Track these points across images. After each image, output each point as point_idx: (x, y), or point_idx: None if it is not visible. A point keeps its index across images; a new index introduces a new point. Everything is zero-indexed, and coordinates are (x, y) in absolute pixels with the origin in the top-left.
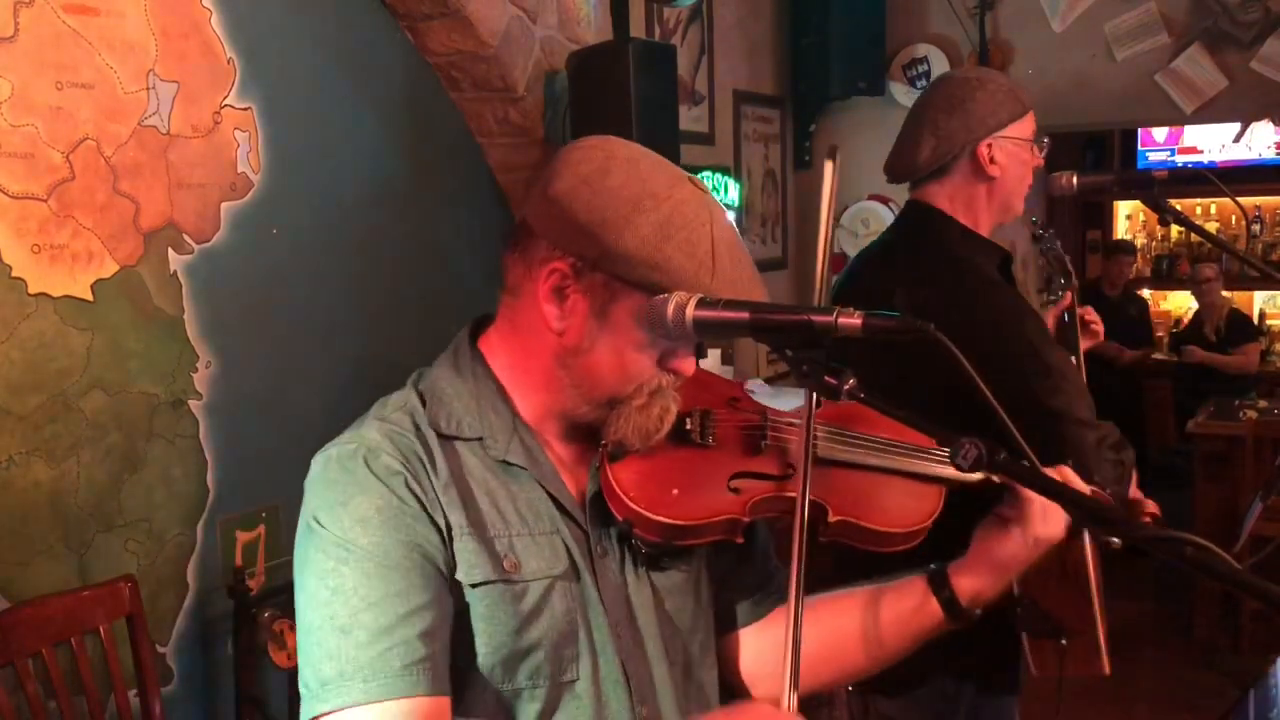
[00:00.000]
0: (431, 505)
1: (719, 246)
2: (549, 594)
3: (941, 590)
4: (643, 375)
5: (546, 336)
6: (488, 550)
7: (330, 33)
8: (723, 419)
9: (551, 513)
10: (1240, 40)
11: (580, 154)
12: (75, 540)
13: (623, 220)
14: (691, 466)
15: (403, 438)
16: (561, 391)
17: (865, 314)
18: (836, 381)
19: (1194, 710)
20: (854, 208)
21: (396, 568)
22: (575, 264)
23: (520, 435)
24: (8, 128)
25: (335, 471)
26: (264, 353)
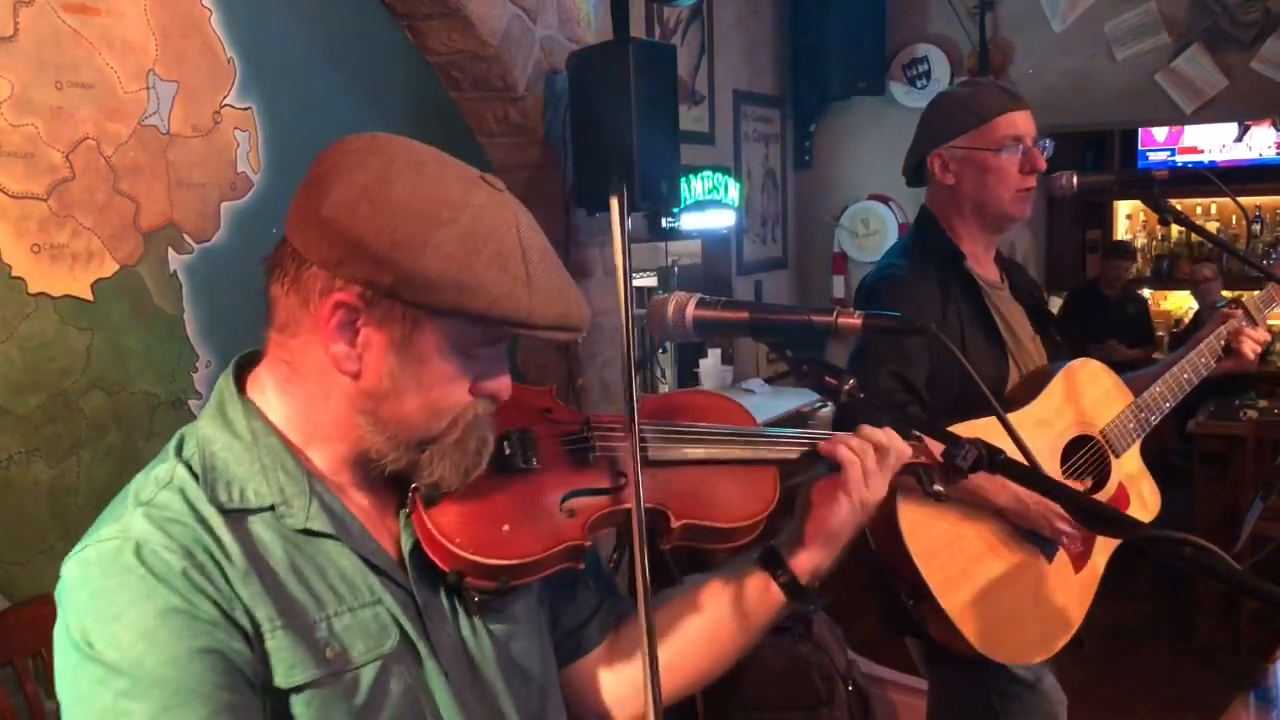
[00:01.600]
0: (229, 603)
1: (530, 254)
2: (384, 677)
3: (779, 574)
4: (456, 408)
5: (336, 380)
6: (305, 642)
7: (330, 33)
8: (543, 436)
9: (368, 580)
10: (1240, 40)
11: (352, 160)
12: (75, 540)
13: (419, 237)
14: (518, 496)
15: (177, 524)
16: (361, 440)
17: (865, 314)
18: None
19: (1194, 710)
20: (854, 207)
21: (194, 692)
22: (364, 294)
23: (318, 495)
24: (8, 128)
25: (100, 578)
26: None
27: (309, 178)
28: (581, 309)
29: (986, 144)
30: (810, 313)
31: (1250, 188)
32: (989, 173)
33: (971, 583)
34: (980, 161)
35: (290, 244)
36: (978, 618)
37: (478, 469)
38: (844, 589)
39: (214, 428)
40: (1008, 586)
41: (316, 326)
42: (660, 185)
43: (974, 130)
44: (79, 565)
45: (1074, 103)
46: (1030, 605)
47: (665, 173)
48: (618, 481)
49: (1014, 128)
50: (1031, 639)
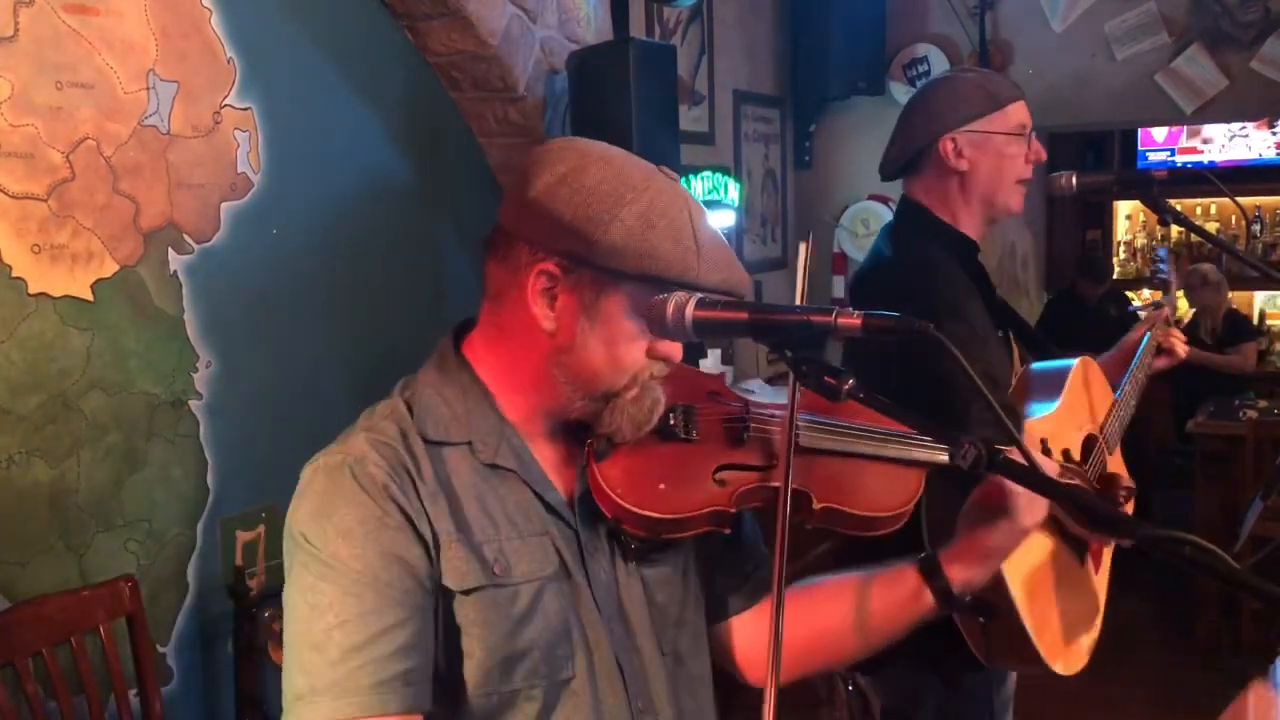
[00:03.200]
0: (417, 516)
1: (699, 231)
2: (540, 595)
3: (935, 579)
4: (635, 365)
5: (537, 338)
6: (477, 556)
7: (330, 33)
8: (705, 413)
9: (540, 514)
10: (1240, 40)
11: (553, 155)
12: (75, 540)
13: (607, 214)
14: (676, 461)
15: (389, 447)
16: (554, 390)
17: (864, 314)
18: (836, 382)
19: (1194, 710)
20: (854, 208)
21: (374, 583)
22: (562, 263)
23: (508, 438)
24: (8, 128)
25: (321, 483)
26: (264, 353)
27: (520, 170)
28: (743, 276)
29: (1004, 129)
30: (809, 313)
31: (1249, 188)
32: (1004, 159)
33: (1042, 591)
34: (998, 147)
35: (502, 226)
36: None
37: (649, 425)
38: None
39: (431, 375)
40: (1064, 592)
41: (523, 293)
42: None
43: (992, 114)
44: (309, 472)
45: (1074, 103)
46: (1076, 609)
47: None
48: (768, 461)
49: (1023, 116)
50: (1080, 645)
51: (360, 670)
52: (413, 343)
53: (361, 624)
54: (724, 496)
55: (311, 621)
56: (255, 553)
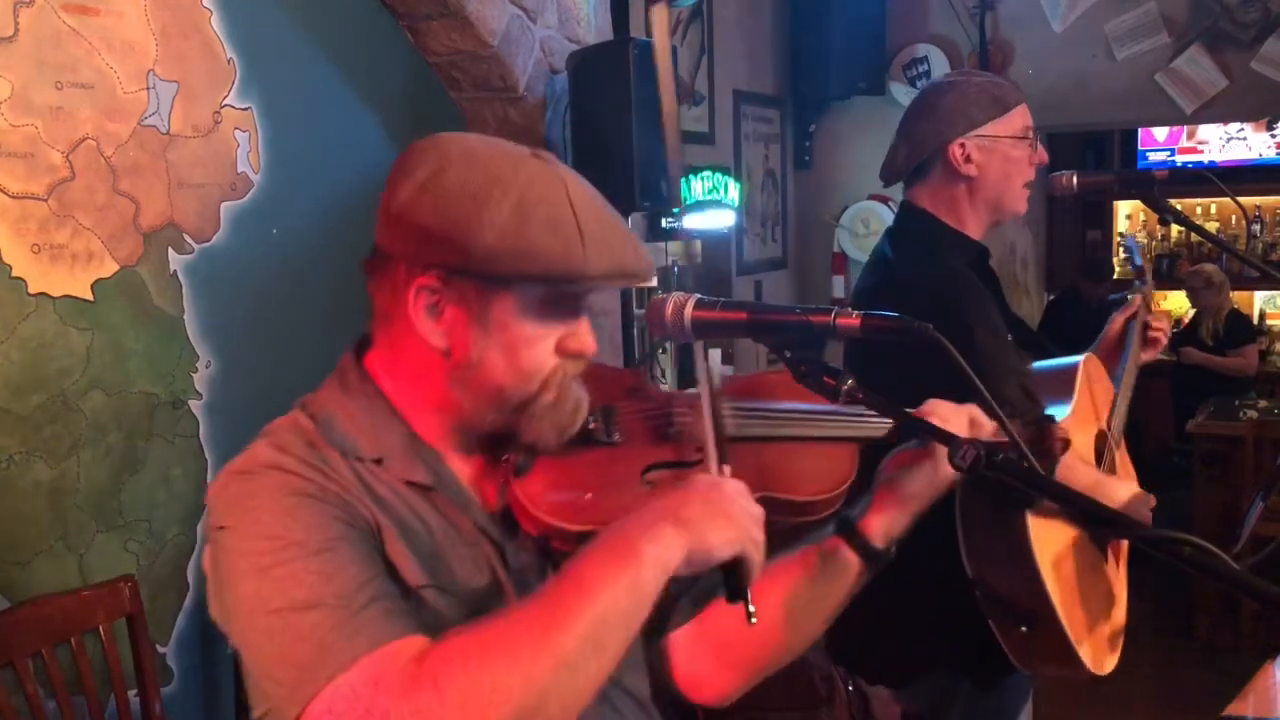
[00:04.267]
0: (356, 502)
1: (582, 215)
2: (471, 604)
3: (853, 538)
4: (544, 368)
5: (432, 357)
6: (418, 557)
7: (330, 33)
8: (626, 412)
9: (469, 528)
10: (1240, 40)
11: (413, 160)
12: (75, 540)
13: (474, 215)
14: (602, 468)
15: (296, 456)
16: (460, 408)
17: (863, 314)
18: (835, 382)
19: (1194, 710)
20: (854, 208)
21: (340, 542)
22: (440, 275)
23: (421, 454)
24: (8, 128)
25: (237, 484)
26: (264, 353)
27: (387, 182)
28: (639, 257)
29: (1011, 133)
30: (808, 313)
31: (1250, 188)
32: (1011, 163)
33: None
34: (1005, 151)
35: (378, 245)
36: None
37: (573, 428)
38: None
39: (333, 391)
40: (1095, 594)
41: (406, 312)
42: (660, 185)
43: (999, 119)
44: (216, 486)
45: (1074, 103)
46: (1104, 609)
47: (665, 173)
48: (696, 455)
49: (1027, 118)
50: (1108, 646)
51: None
52: None
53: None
54: None
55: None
56: None
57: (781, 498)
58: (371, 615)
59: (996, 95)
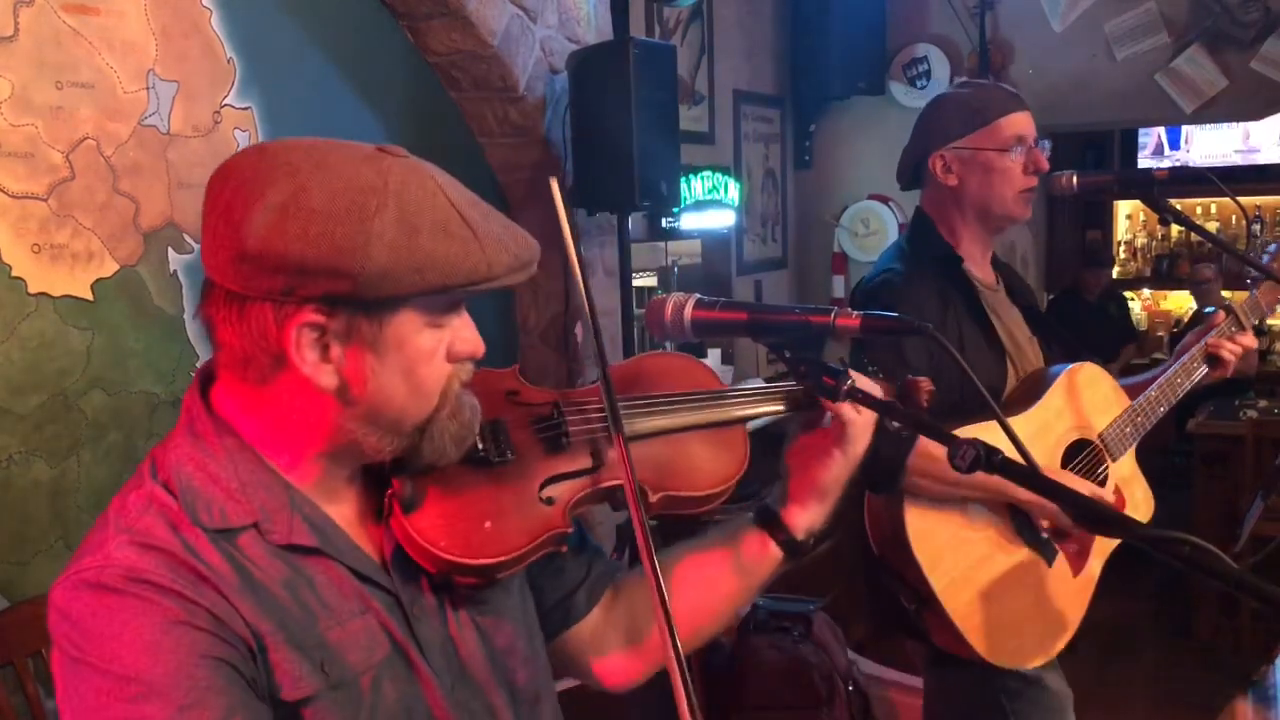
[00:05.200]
0: (228, 617)
1: (464, 211)
2: (378, 686)
3: (777, 532)
4: (440, 381)
5: (319, 399)
6: (305, 656)
7: (330, 33)
8: (514, 423)
9: (357, 590)
10: (1240, 40)
11: (254, 184)
12: (75, 540)
13: (358, 235)
14: (496, 490)
15: (159, 551)
16: (354, 444)
17: (863, 314)
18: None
19: (1194, 710)
20: (854, 208)
21: (210, 689)
22: (321, 308)
23: (299, 507)
24: (8, 128)
25: (93, 602)
26: None
27: (212, 211)
28: (529, 244)
29: (991, 144)
30: (808, 313)
31: (1250, 188)
32: (993, 173)
33: (975, 587)
34: (985, 162)
35: (220, 285)
36: (982, 622)
37: (472, 436)
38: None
39: (186, 448)
40: (1010, 590)
41: (283, 356)
42: (660, 185)
43: (978, 131)
44: (67, 593)
45: (1074, 103)
46: (1031, 608)
47: (665, 173)
48: (593, 461)
49: (1017, 128)
50: (1031, 642)
51: None
52: None
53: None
54: (556, 516)
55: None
56: None
57: (684, 495)
58: None
59: (976, 108)
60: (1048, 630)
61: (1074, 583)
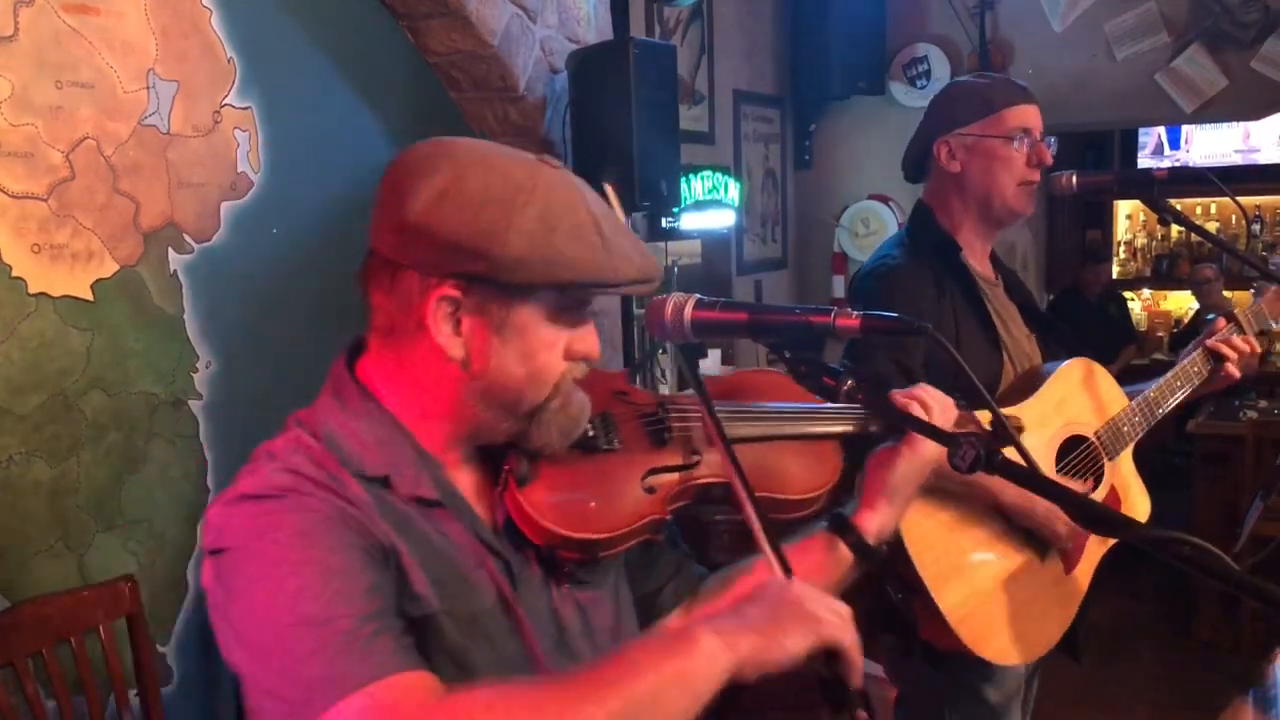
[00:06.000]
0: (372, 525)
1: (601, 222)
2: (486, 630)
3: (847, 535)
4: (556, 373)
5: (447, 368)
6: (430, 579)
7: (330, 33)
8: (622, 417)
9: (473, 545)
10: (1240, 40)
11: (424, 166)
12: (75, 540)
13: (502, 223)
14: (602, 474)
15: (306, 474)
16: (473, 419)
17: (863, 314)
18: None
19: (1194, 710)
20: (854, 207)
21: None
22: (461, 284)
23: (429, 468)
24: (8, 127)
25: (249, 509)
26: (264, 353)
27: (385, 189)
28: (653, 263)
29: (996, 132)
30: (808, 313)
31: (1250, 188)
32: (996, 161)
33: (965, 579)
34: (989, 150)
35: (380, 254)
36: (969, 615)
37: (578, 430)
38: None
39: (330, 408)
40: (1001, 585)
41: (422, 323)
42: (660, 185)
43: (985, 119)
44: (225, 507)
45: (1074, 103)
46: (1022, 605)
47: (665, 173)
48: (692, 459)
49: (1023, 119)
50: (1019, 639)
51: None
52: None
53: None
54: (656, 504)
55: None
56: None
57: (776, 497)
58: (384, 643)
59: (986, 97)
60: (1037, 628)
61: (1066, 583)
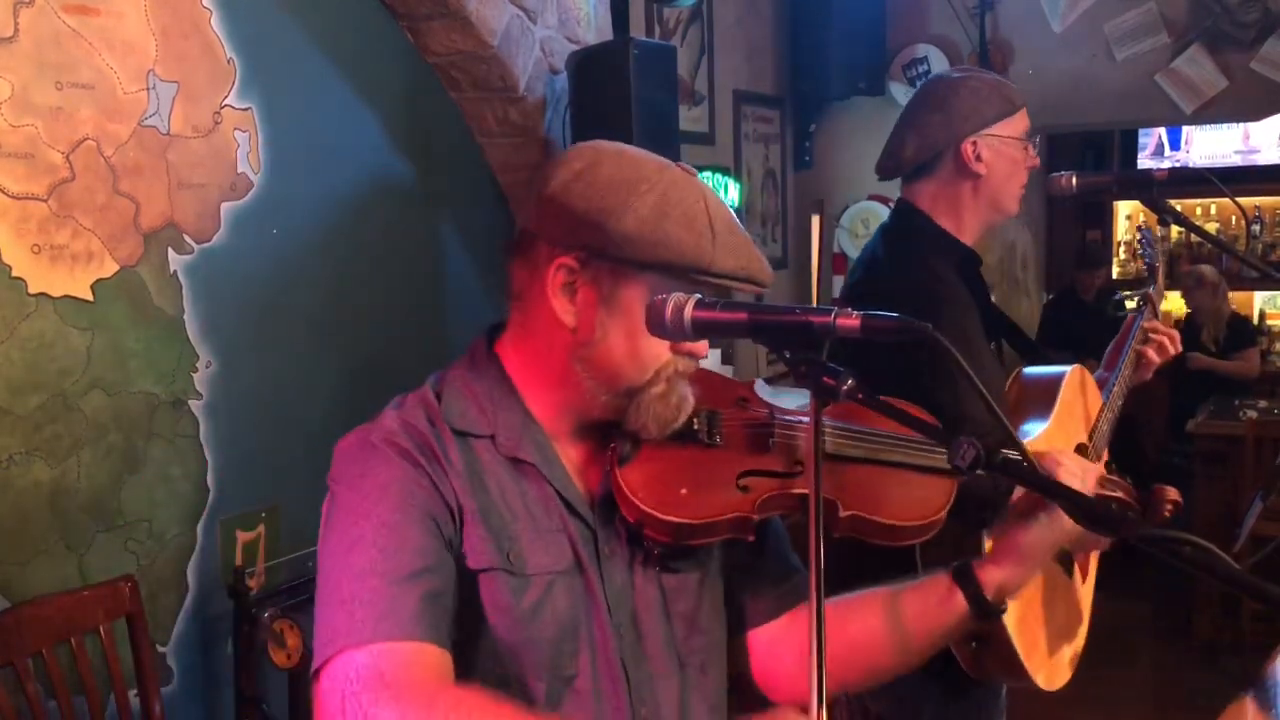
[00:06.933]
0: (444, 487)
1: (716, 220)
2: (551, 590)
3: (967, 584)
4: (658, 359)
5: (560, 334)
6: (494, 539)
7: (330, 33)
8: (729, 418)
9: (560, 510)
10: (1240, 40)
11: (572, 154)
12: (75, 540)
13: (620, 204)
14: (699, 466)
15: (415, 429)
16: (578, 387)
17: (863, 315)
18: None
19: (1194, 710)
20: (854, 208)
21: (412, 528)
22: (580, 256)
23: (532, 434)
24: (8, 128)
25: (357, 449)
26: (264, 353)
27: (539, 173)
28: (764, 268)
29: (1016, 134)
30: (809, 314)
31: (1250, 188)
32: (1014, 164)
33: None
34: (1010, 152)
35: (524, 228)
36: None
37: (675, 423)
38: None
39: (461, 369)
40: (1050, 609)
41: (544, 290)
42: None
43: (1008, 118)
44: (348, 443)
45: (1074, 103)
46: (1062, 623)
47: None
48: (792, 468)
49: (1027, 121)
50: (1063, 659)
51: (402, 600)
52: (412, 342)
53: (404, 559)
54: (747, 503)
55: (352, 556)
56: (255, 553)
57: (872, 519)
58: (407, 605)
59: (1006, 95)
60: (1074, 643)
61: (1083, 589)
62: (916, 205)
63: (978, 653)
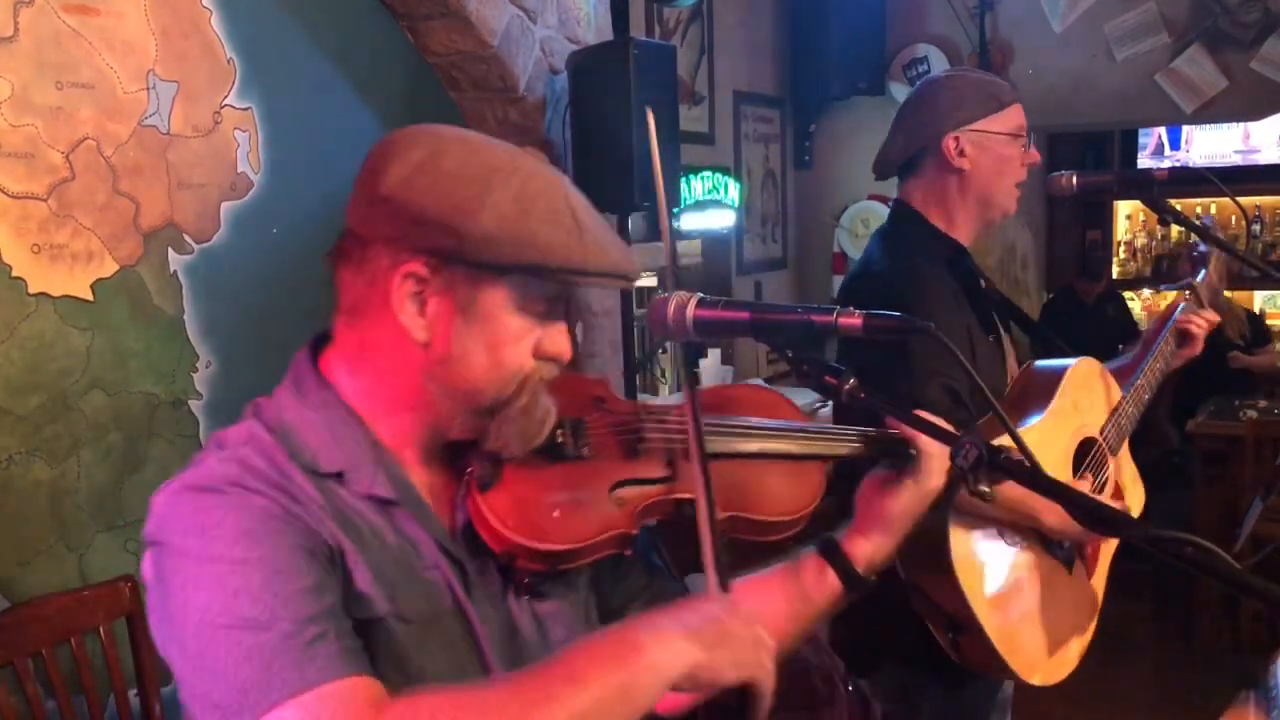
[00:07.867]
0: (318, 524)
1: (578, 211)
2: (429, 635)
3: (836, 560)
4: (522, 370)
5: (409, 351)
6: (379, 581)
7: (330, 33)
8: (595, 425)
9: (430, 546)
10: (1240, 40)
11: (403, 144)
12: (75, 540)
13: (475, 200)
14: (569, 483)
15: (256, 469)
16: (432, 408)
17: (865, 314)
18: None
19: (1194, 710)
20: (854, 208)
21: (299, 560)
22: (429, 261)
23: (385, 465)
24: (8, 128)
25: (192, 499)
26: (264, 353)
27: (365, 167)
28: (631, 260)
29: (1005, 130)
30: (810, 313)
31: (1250, 188)
32: (1003, 160)
33: (1011, 607)
34: (998, 148)
35: (352, 230)
36: (1020, 644)
37: (539, 439)
38: None
39: (287, 398)
40: (1041, 605)
41: (386, 301)
42: None
43: (993, 115)
44: (169, 497)
45: (1074, 103)
46: (1059, 620)
47: (665, 173)
48: (666, 471)
49: (1021, 118)
50: (1062, 656)
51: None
52: None
53: (307, 599)
54: (624, 518)
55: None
56: None
57: (752, 517)
58: (325, 648)
59: (992, 92)
60: (1074, 639)
61: (1088, 588)
62: (910, 204)
63: (955, 642)
